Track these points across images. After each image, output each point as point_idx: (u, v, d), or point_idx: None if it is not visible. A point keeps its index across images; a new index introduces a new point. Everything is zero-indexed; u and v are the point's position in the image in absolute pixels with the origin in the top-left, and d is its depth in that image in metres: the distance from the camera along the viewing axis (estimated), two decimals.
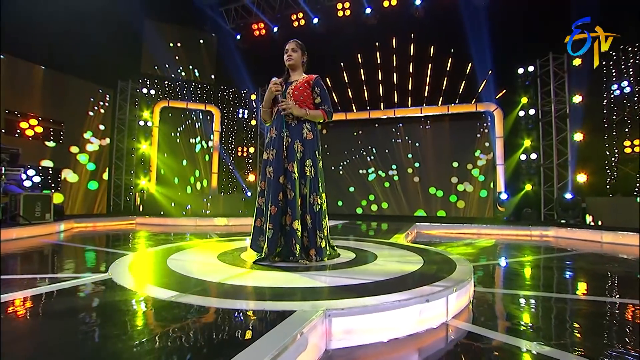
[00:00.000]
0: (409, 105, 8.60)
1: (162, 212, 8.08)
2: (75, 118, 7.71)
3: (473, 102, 8.04)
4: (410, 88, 8.55)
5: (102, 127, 8.23)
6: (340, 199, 9.34)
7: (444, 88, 8.26)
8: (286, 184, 2.45)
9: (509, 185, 7.54)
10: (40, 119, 7.10)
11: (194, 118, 9.61)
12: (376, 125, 9.19)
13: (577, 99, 6.96)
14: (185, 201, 8.52)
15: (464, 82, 8.07)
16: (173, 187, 8.94)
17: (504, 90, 7.76)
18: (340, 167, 9.39)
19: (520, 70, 7.61)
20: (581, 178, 6.88)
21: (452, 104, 8.20)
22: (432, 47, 8.24)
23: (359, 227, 5.84)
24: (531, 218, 6.91)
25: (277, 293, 1.63)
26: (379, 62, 8.76)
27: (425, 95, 8.43)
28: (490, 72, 7.79)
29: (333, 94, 9.12)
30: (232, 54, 9.63)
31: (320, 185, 2.51)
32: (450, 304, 1.68)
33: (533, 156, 7.45)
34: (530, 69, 7.55)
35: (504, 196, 7.27)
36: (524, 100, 7.59)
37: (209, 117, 9.72)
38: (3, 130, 6.53)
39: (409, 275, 2.00)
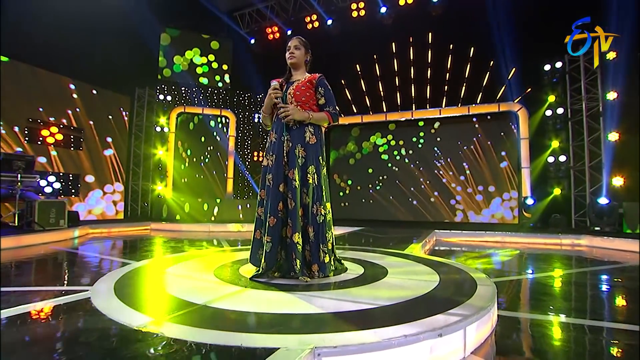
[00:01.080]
0: (427, 107, 8.26)
1: (178, 217, 8.07)
2: (95, 125, 7.83)
3: (496, 101, 7.62)
4: (428, 89, 8.21)
5: (119, 133, 8.34)
6: (357, 204, 9.07)
7: (464, 88, 7.88)
8: (287, 192, 2.24)
9: (535, 190, 7.05)
10: (61, 126, 7.25)
11: (210, 123, 9.62)
12: (394, 127, 8.90)
13: (611, 95, 6.42)
14: (200, 206, 8.48)
15: (485, 81, 7.66)
16: (189, 192, 8.94)
17: (529, 89, 7.30)
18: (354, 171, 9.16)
19: (547, 67, 7.13)
20: (617, 181, 6.33)
21: (473, 105, 7.81)
22: (451, 45, 7.89)
23: (374, 234, 5.57)
24: (560, 225, 6.41)
25: (263, 322, 1.42)
26: (395, 62, 8.47)
27: (444, 95, 8.07)
28: (514, 69, 7.36)
29: (348, 95, 8.90)
30: (247, 58, 9.60)
31: (324, 193, 2.29)
32: (468, 336, 1.41)
33: (562, 158, 6.93)
34: (558, 65, 7.06)
35: (530, 201, 6.80)
36: (551, 98, 7.10)
37: (224, 122, 9.70)
38: (26, 139, 6.69)
39: (421, 299, 1.75)
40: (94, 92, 7.81)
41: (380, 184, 8.89)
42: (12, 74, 6.39)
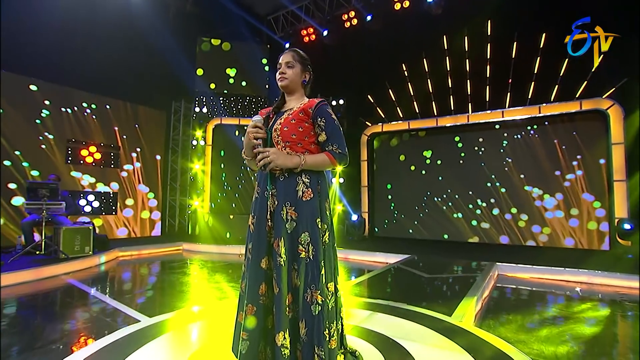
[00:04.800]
0: (487, 109, 7.14)
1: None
2: (132, 142, 7.98)
3: (576, 98, 6.29)
4: (488, 88, 7.10)
5: (157, 148, 8.44)
6: (406, 221, 8.21)
7: (533, 84, 6.65)
8: (271, 270, 1.67)
9: (634, 211, 5.65)
10: (101, 144, 7.47)
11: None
12: (444, 134, 7.89)
13: None
14: (238, 223, 8.26)
15: (562, 73, 6.38)
16: (226, 209, 8.80)
17: (625, 80, 5.88)
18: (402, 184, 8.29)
19: None
20: None
21: (545, 104, 6.54)
22: (516, 33, 6.70)
23: (419, 271, 4.77)
24: None
25: None
26: (446, 57, 7.47)
27: (508, 95, 6.90)
28: (601, 56, 6.00)
29: (393, 98, 8.08)
30: None
31: (323, 272, 1.65)
32: None
33: None
34: None
35: (627, 226, 5.44)
36: None
37: None
38: (69, 159, 6.97)
39: None
40: (130, 108, 7.96)
41: (434, 198, 7.92)
42: (51, 96, 6.67)
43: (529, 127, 6.96)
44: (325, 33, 8.35)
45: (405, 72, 7.92)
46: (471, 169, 7.49)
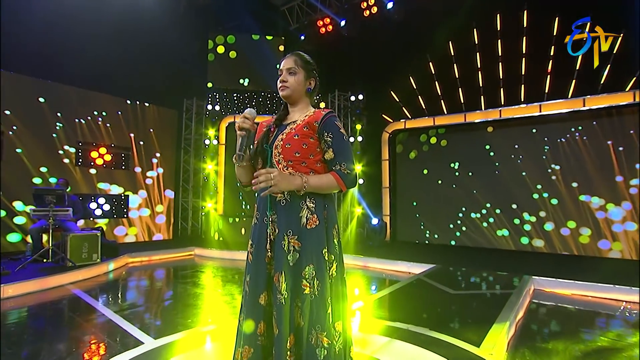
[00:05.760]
0: (522, 101, 6.74)
1: (220, 239, 7.97)
2: (144, 142, 8.07)
3: (629, 88, 5.82)
4: (523, 77, 6.70)
5: (167, 148, 8.52)
6: (436, 225, 7.92)
7: (576, 72, 6.21)
8: (271, 306, 1.53)
9: None
10: (112, 145, 7.58)
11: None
12: (471, 130, 7.53)
13: None
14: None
15: (611, 58, 5.91)
16: (241, 211, 8.78)
17: None
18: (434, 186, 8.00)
19: None
20: None
21: (590, 95, 6.09)
22: (557, 18, 6.27)
23: (444, 286, 4.54)
24: None
25: None
26: (477, 44, 7.10)
27: (547, 86, 6.48)
28: None
29: (418, 93, 7.78)
30: None
31: (330, 310, 1.49)
32: None
33: None
34: None
35: None
36: None
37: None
38: (79, 162, 7.11)
39: None
40: (140, 108, 8.03)
41: (464, 203, 7.58)
42: (62, 97, 6.79)
43: (572, 129, 6.47)
44: (342, 23, 8.12)
45: (430, 64, 7.60)
46: (507, 176, 7.09)
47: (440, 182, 7.82)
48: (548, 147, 6.69)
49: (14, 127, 6.20)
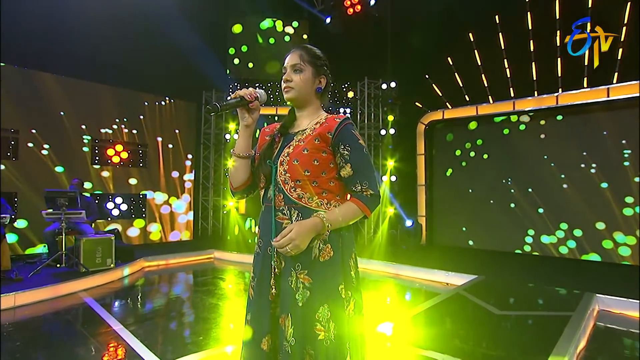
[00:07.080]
0: (585, 85, 6.15)
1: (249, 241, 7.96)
2: (163, 138, 8.14)
3: None
4: (586, 56, 6.11)
5: (187, 144, 8.56)
6: (484, 228, 7.44)
7: None
8: (275, 352, 1.34)
9: None
10: (127, 143, 7.68)
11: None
12: (524, 120, 7.00)
13: None
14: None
15: None
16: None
17: None
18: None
19: None
20: None
21: None
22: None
23: (490, 305, 4.19)
24: None
25: None
26: (528, 22, 6.55)
27: (617, 66, 5.87)
28: None
29: (458, 79, 7.32)
30: (324, 42, 8.79)
31: (348, 358, 1.30)
32: None
33: None
34: None
35: None
36: None
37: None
38: (96, 160, 7.26)
39: None
40: (158, 103, 8.08)
41: (516, 201, 7.07)
42: (78, 92, 6.92)
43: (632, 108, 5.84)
44: (372, 2, 7.76)
45: (473, 45, 7.11)
46: (554, 164, 6.56)
47: (485, 179, 7.35)
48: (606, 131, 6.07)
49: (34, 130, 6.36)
